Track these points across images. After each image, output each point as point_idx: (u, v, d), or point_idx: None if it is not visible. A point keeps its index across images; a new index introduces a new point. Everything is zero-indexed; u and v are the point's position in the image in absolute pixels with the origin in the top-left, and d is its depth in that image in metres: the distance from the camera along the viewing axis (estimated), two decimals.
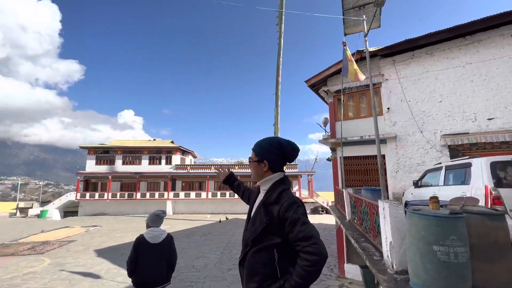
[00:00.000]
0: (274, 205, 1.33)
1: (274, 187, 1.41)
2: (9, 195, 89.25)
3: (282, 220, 1.28)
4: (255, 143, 1.55)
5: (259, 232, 1.31)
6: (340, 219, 6.02)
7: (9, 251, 11.86)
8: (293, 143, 1.52)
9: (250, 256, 1.32)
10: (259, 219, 1.35)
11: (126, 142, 31.78)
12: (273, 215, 1.31)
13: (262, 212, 1.36)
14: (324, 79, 9.51)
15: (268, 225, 1.30)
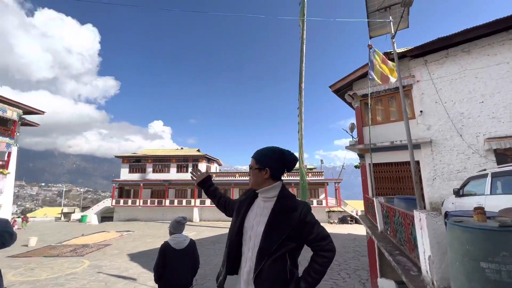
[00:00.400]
0: (294, 212, 1.38)
1: (284, 195, 1.46)
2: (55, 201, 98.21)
3: (302, 225, 1.36)
4: (255, 152, 1.58)
5: (284, 240, 1.33)
6: (371, 229, 5.68)
7: (55, 252, 12.98)
8: (293, 153, 1.59)
9: (268, 267, 1.30)
10: (279, 228, 1.35)
11: (156, 151, 33.52)
12: (294, 222, 1.35)
13: (281, 220, 1.37)
14: (350, 83, 9.24)
15: (289, 232, 1.34)
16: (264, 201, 1.49)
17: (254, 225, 1.42)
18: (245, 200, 1.56)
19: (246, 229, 1.44)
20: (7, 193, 20.71)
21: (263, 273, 1.30)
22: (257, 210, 1.48)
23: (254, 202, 1.54)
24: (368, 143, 7.30)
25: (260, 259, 1.32)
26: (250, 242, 1.41)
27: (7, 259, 11.63)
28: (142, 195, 28.54)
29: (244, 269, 1.38)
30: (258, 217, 1.44)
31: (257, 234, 1.38)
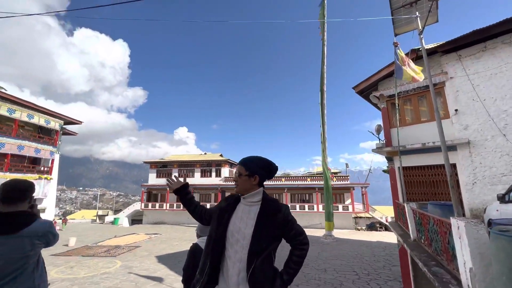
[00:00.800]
0: (278, 213, 1.54)
1: (267, 198, 1.62)
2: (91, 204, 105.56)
3: (285, 224, 1.54)
4: (244, 159, 1.70)
5: (271, 238, 1.49)
6: (403, 237, 5.32)
7: (91, 252, 13.90)
8: (275, 163, 1.74)
9: (259, 265, 1.43)
10: (267, 228, 1.49)
11: (181, 157, 34.75)
12: (279, 222, 1.53)
13: (268, 221, 1.51)
14: (375, 84, 8.88)
15: (275, 231, 1.51)
16: (250, 205, 1.60)
17: (242, 228, 1.51)
18: (227, 206, 1.64)
19: (232, 232, 1.52)
20: (51, 196, 22.72)
21: (256, 272, 1.41)
22: (242, 214, 1.58)
23: (237, 207, 1.62)
24: (396, 146, 6.92)
25: (251, 259, 1.43)
26: (237, 244, 1.49)
27: (51, 257, 12.69)
28: (168, 199, 29.66)
29: (231, 271, 1.45)
30: (245, 220, 1.54)
31: (246, 236, 1.48)
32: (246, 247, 1.46)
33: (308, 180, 27.46)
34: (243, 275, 1.43)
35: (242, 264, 1.44)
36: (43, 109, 21.91)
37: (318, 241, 17.37)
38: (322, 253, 13.40)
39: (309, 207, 25.60)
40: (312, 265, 10.92)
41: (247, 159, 1.71)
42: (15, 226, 1.58)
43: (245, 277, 1.42)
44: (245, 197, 1.62)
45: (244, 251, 1.46)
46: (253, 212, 1.56)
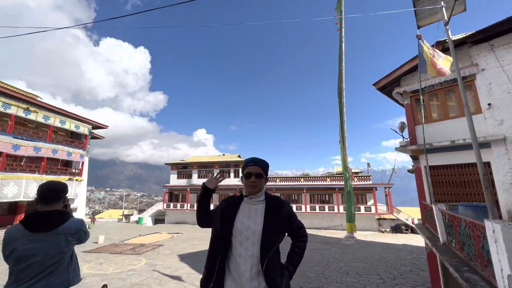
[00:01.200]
0: (283, 208, 1.67)
1: (270, 196, 1.73)
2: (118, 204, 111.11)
3: (289, 218, 1.68)
4: (258, 160, 1.76)
5: (279, 233, 1.61)
6: (431, 241, 5.03)
7: (118, 250, 14.63)
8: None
9: (271, 259, 1.55)
10: (274, 224, 1.61)
11: (200, 158, 35.53)
12: (284, 216, 1.66)
13: (274, 216, 1.62)
14: (397, 79, 8.49)
15: (282, 226, 1.64)
16: (256, 204, 1.68)
17: (251, 225, 1.59)
18: (230, 206, 1.70)
19: (241, 231, 1.58)
20: (81, 197, 24.25)
21: (269, 265, 1.52)
22: (248, 212, 1.65)
23: (241, 207, 1.68)
24: (422, 144, 6.56)
25: (264, 254, 1.53)
26: (247, 242, 1.56)
27: (82, 254, 13.53)
28: (189, 199, 30.45)
29: (243, 268, 1.51)
30: (253, 218, 1.62)
31: (256, 233, 1.57)
32: (258, 242, 1.54)
33: (328, 180, 26.86)
34: (256, 270, 1.52)
35: (255, 259, 1.53)
36: (74, 115, 23.47)
37: (340, 243, 16.92)
38: (343, 256, 13.03)
39: (329, 208, 25.03)
40: (333, 268, 10.66)
41: (261, 160, 1.77)
42: (51, 224, 1.71)
43: (258, 272, 1.52)
44: (252, 197, 1.69)
45: (256, 246, 1.54)
46: (259, 209, 1.65)
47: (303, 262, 11.62)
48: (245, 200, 1.71)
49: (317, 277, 9.39)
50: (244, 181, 1.73)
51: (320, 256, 12.82)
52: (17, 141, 18.21)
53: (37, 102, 20.32)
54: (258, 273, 1.52)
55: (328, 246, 15.80)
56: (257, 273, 1.51)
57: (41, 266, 1.63)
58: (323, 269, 10.41)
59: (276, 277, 1.54)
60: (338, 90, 16.98)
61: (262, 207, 1.66)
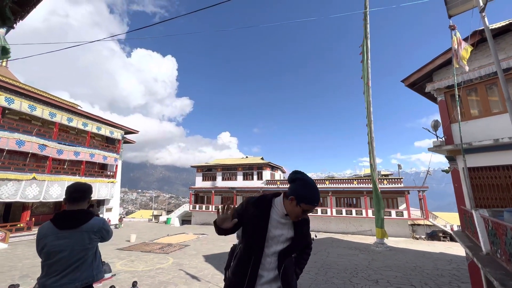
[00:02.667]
0: (307, 224, 1.76)
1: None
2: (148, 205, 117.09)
3: (307, 233, 1.80)
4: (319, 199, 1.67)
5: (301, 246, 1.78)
6: (472, 250, 4.55)
7: (148, 249, 15.37)
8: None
9: (288, 262, 1.67)
10: (301, 236, 1.71)
11: (224, 161, 36.18)
12: (306, 231, 1.77)
13: (302, 233, 1.72)
14: (429, 74, 7.91)
15: (304, 239, 1.77)
16: (287, 218, 1.66)
17: (277, 236, 1.63)
18: (261, 213, 1.65)
19: (274, 235, 1.62)
20: (116, 197, 25.96)
21: (286, 270, 1.64)
22: (277, 222, 1.65)
23: (271, 214, 1.66)
24: (459, 143, 6.01)
25: (282, 260, 1.63)
26: (269, 249, 1.62)
27: (117, 251, 14.44)
28: (213, 201, 31.10)
29: (263, 273, 1.59)
30: (280, 228, 1.64)
31: (279, 243, 1.63)
32: (279, 253, 1.63)
33: (355, 183, 25.74)
34: (273, 276, 1.61)
35: (273, 265, 1.62)
36: (108, 121, 25.29)
37: (368, 249, 16.08)
38: (373, 262, 12.34)
39: (357, 212, 23.94)
40: (361, 275, 10.13)
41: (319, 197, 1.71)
42: (77, 222, 1.85)
43: (276, 277, 1.61)
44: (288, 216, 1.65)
45: (275, 256, 1.62)
46: (289, 222, 1.68)
47: (330, 267, 11.21)
48: (275, 209, 1.66)
49: (343, 284, 8.99)
50: (296, 210, 1.58)
51: (347, 262, 12.28)
52: (61, 146, 20.08)
53: (77, 111, 22.27)
54: (275, 277, 1.61)
55: (356, 252, 15.08)
56: (273, 277, 1.61)
57: (68, 261, 1.76)
58: (351, 276, 9.95)
59: (292, 280, 1.69)
60: (364, 88, 16.27)
61: (290, 221, 1.67)
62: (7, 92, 16.92)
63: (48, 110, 19.33)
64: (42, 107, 18.91)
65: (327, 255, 14.00)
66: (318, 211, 25.29)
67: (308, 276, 9.88)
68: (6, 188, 16.28)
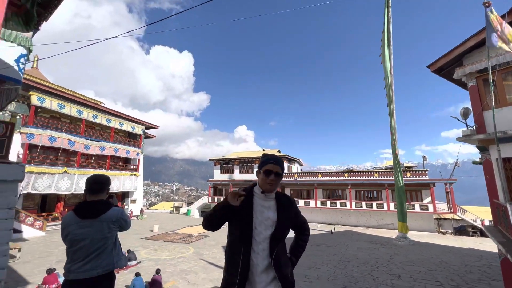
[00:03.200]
0: (292, 205, 1.79)
1: (279, 193, 1.81)
2: (169, 197, 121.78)
3: (296, 214, 1.82)
4: (278, 159, 1.74)
5: (288, 228, 1.72)
6: (506, 246, 4.24)
7: (170, 238, 16.05)
8: None
9: (280, 250, 1.66)
10: (286, 219, 1.71)
11: (241, 154, 36.49)
12: (293, 212, 1.78)
13: (286, 212, 1.72)
14: (458, 58, 7.32)
15: (291, 221, 1.76)
16: (268, 200, 1.73)
17: (263, 221, 1.65)
18: (244, 202, 1.66)
19: (255, 225, 1.64)
20: (139, 190, 27.23)
21: (278, 257, 1.63)
22: (261, 207, 1.69)
23: (254, 202, 1.71)
24: (492, 132, 5.54)
25: (273, 246, 1.62)
26: (259, 236, 1.63)
27: (141, 240, 15.23)
28: None
29: (255, 261, 1.60)
30: (265, 213, 1.68)
31: (267, 227, 1.64)
32: (269, 237, 1.62)
33: (376, 175, 24.90)
34: (267, 263, 1.61)
35: (265, 252, 1.62)
36: (130, 117, 26.32)
37: (390, 243, 15.62)
38: (394, 257, 11.99)
39: (378, 205, 23.23)
40: (382, 269, 9.89)
41: (281, 160, 1.77)
42: (96, 212, 1.94)
43: (269, 264, 1.61)
44: (267, 194, 1.72)
45: (267, 241, 1.63)
46: (271, 205, 1.72)
47: (349, 261, 11.05)
48: (257, 195, 1.72)
49: (363, 277, 8.83)
50: (262, 177, 1.70)
51: (367, 256, 12.03)
52: (88, 142, 21.28)
53: (101, 108, 23.39)
54: (269, 265, 1.61)
55: (377, 245, 14.71)
56: (267, 266, 1.61)
57: (89, 249, 1.86)
58: (371, 270, 9.74)
59: (286, 266, 1.68)
60: (386, 77, 15.45)
61: (273, 203, 1.73)
62: (38, 92, 18.11)
63: (76, 107, 20.47)
64: (70, 105, 20.06)
65: (346, 248, 13.79)
66: (337, 204, 24.89)
67: (326, 269, 9.81)
68: (42, 181, 17.62)
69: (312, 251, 12.56)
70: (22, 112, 17.68)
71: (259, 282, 1.57)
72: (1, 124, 5.11)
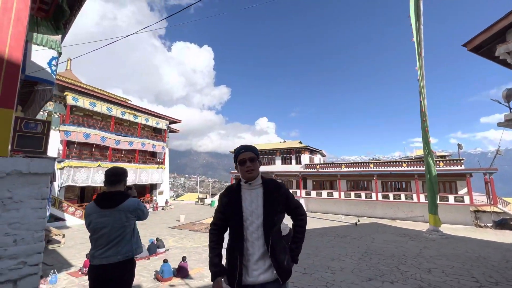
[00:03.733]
0: (279, 189, 1.75)
1: (266, 179, 1.81)
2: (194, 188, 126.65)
3: (286, 199, 1.77)
4: (248, 146, 1.81)
5: (279, 214, 1.72)
6: None
7: (195, 228, 16.75)
8: None
9: (275, 238, 1.67)
10: (273, 205, 1.70)
11: (262, 146, 36.54)
12: (282, 197, 1.75)
13: (273, 198, 1.71)
14: (501, 33, 6.52)
15: (281, 206, 1.74)
16: (255, 188, 1.75)
17: (254, 210, 1.69)
18: (233, 197, 1.77)
19: (247, 216, 1.69)
20: (165, 182, 28.57)
21: (274, 245, 1.64)
22: (250, 197, 1.73)
23: (242, 195, 1.76)
24: None
25: (267, 234, 1.64)
26: (252, 226, 1.68)
27: (169, 229, 16.08)
28: None
29: (251, 251, 1.66)
30: (255, 202, 1.71)
31: (259, 216, 1.67)
32: (261, 225, 1.66)
33: (404, 165, 23.62)
34: (262, 251, 1.65)
35: (261, 241, 1.66)
36: (154, 113, 27.41)
37: (420, 236, 14.86)
38: (424, 250, 11.39)
39: (407, 197, 22.11)
40: (411, 263, 9.47)
41: (250, 145, 1.84)
42: (114, 202, 2.06)
43: (265, 252, 1.65)
44: (252, 182, 1.75)
45: (260, 229, 1.66)
46: (259, 193, 1.74)
47: (374, 253, 10.71)
48: (244, 186, 1.78)
49: (390, 271, 8.53)
50: (240, 169, 1.77)
51: (394, 249, 11.57)
52: (117, 137, 22.62)
53: (128, 105, 24.61)
54: (265, 253, 1.65)
55: (405, 238, 14.08)
56: (264, 253, 1.65)
57: (110, 236, 1.99)
58: (398, 263, 9.37)
59: (280, 253, 1.67)
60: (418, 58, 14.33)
61: (260, 190, 1.75)
62: (72, 92, 19.50)
63: (105, 105, 21.78)
64: (101, 103, 21.38)
65: (372, 240, 13.37)
66: (362, 196, 24.11)
67: (350, 261, 9.62)
68: (80, 174, 19.19)
69: (335, 243, 12.35)
70: (60, 111, 19.20)
71: (256, 270, 1.64)
72: (39, 123, 5.59)
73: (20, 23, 1.94)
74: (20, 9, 1.94)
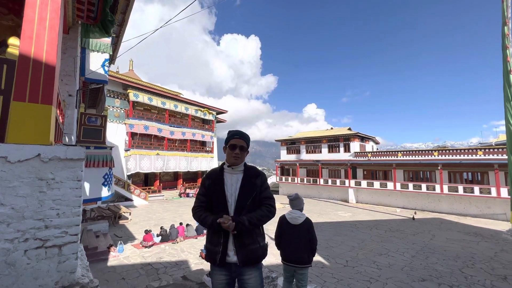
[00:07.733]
0: (257, 177, 1.86)
1: (248, 166, 1.91)
2: None
3: (261, 186, 1.85)
4: (243, 134, 1.90)
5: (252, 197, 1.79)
6: None
7: None
8: None
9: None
10: (249, 189, 1.80)
11: (308, 133, 35.42)
12: (258, 184, 1.84)
13: (250, 183, 1.82)
14: None
15: (255, 192, 1.81)
16: (236, 173, 1.85)
17: (233, 193, 1.80)
18: (216, 180, 1.85)
19: (228, 198, 1.79)
20: None
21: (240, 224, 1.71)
22: (231, 181, 1.83)
23: (224, 178, 1.84)
24: None
25: (238, 214, 1.74)
26: (231, 207, 1.78)
27: None
28: (299, 173, 31.58)
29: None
30: (234, 185, 1.82)
31: (236, 198, 1.78)
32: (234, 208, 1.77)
33: (480, 153, 19.87)
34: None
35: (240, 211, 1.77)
36: (203, 104, 29.11)
37: (497, 236, 12.55)
38: (501, 254, 9.59)
39: (482, 190, 18.70)
40: (480, 266, 8.11)
41: (245, 134, 1.91)
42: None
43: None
44: (235, 168, 1.85)
45: (232, 209, 1.78)
46: (239, 177, 1.84)
47: (433, 252, 9.50)
48: (226, 170, 1.88)
49: (450, 273, 7.47)
50: (228, 152, 1.86)
51: (459, 249, 10.05)
52: (172, 128, 24.91)
53: (179, 98, 26.70)
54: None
55: (476, 238, 12.07)
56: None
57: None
58: (463, 266, 8.13)
59: (245, 237, 1.73)
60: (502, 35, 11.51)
61: (241, 176, 1.84)
62: (134, 89, 22.11)
63: (160, 100, 24.09)
64: (156, 98, 23.73)
65: (431, 237, 11.86)
66: (422, 187, 21.41)
67: (401, 258, 8.77)
68: (143, 162, 21.96)
69: (386, 237, 11.37)
70: (125, 107, 22.07)
71: (231, 250, 1.74)
72: (98, 117, 6.57)
73: (53, 30, 2.23)
74: (52, 17, 2.23)
